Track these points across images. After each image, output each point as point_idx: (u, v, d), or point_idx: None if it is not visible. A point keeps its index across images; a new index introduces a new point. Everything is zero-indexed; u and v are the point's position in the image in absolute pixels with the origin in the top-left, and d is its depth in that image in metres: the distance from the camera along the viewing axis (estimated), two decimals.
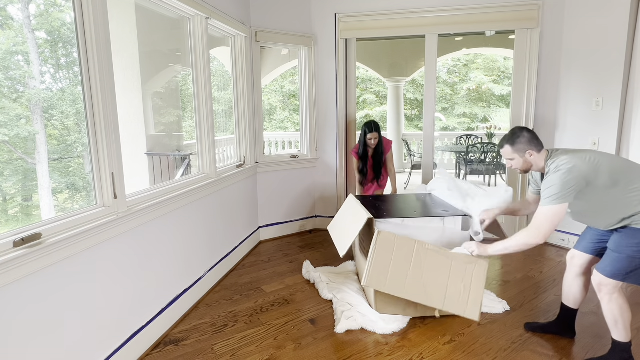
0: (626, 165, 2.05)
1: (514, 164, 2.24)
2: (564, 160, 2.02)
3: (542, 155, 2.16)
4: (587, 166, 1.98)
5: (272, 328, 2.64)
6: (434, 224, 2.70)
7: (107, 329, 2.09)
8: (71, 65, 5.40)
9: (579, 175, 1.97)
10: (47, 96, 5.02)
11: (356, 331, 2.57)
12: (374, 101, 15.34)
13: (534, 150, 2.16)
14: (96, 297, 2.00)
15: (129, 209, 2.19)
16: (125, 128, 5.08)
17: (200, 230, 3.09)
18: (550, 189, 2.02)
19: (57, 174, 5.23)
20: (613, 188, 1.99)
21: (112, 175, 2.08)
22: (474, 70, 14.66)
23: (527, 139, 2.16)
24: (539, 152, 2.16)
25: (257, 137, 4.20)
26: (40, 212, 4.84)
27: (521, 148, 2.17)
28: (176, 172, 5.42)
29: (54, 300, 1.75)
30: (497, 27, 4.06)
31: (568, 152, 2.10)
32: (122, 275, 2.19)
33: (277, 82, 14.80)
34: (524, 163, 2.20)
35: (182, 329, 2.65)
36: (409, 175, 7.61)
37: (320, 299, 3.02)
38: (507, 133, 2.26)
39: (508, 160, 2.25)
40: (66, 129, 5.42)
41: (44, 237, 1.69)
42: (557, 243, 4.14)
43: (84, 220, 1.91)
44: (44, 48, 5.31)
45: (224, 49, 5.10)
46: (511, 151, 2.20)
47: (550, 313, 2.75)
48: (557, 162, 2.05)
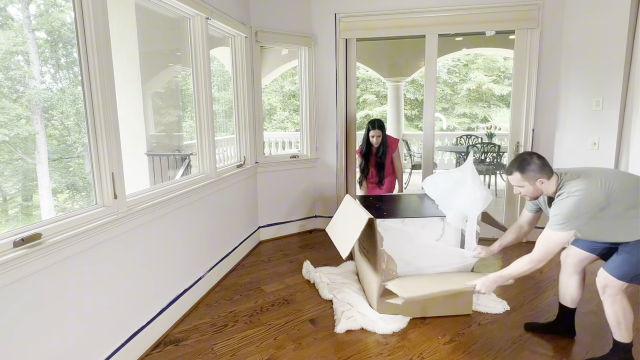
0: (635, 182, 2.01)
1: (523, 191, 2.13)
2: (578, 186, 1.94)
3: (553, 182, 2.06)
4: (601, 192, 1.92)
5: (272, 328, 2.64)
6: (434, 224, 2.70)
7: (107, 328, 2.09)
8: (71, 65, 5.41)
9: (592, 202, 1.91)
10: (47, 96, 5.02)
11: (356, 331, 2.57)
12: (374, 101, 15.34)
13: (545, 177, 2.05)
14: (96, 297, 2.00)
15: (129, 209, 2.19)
16: (125, 128, 5.06)
17: (200, 230, 3.09)
18: (559, 216, 1.96)
19: (57, 174, 5.23)
20: (629, 210, 1.96)
21: (112, 175, 2.08)
22: (474, 70, 14.66)
23: (538, 166, 2.04)
24: (549, 178, 2.06)
25: (257, 137, 4.20)
26: (40, 212, 4.84)
27: (532, 176, 2.06)
28: (176, 172, 5.42)
29: (54, 300, 1.75)
30: (497, 27, 4.06)
31: (579, 175, 2.01)
32: (122, 275, 2.19)
33: (277, 82, 14.80)
34: (534, 190, 2.10)
35: (182, 329, 2.65)
36: (409, 175, 7.62)
37: (320, 299, 3.02)
38: (514, 159, 2.14)
39: (517, 187, 2.13)
40: (66, 129, 5.42)
41: (44, 237, 1.69)
42: None
43: (84, 220, 1.91)
44: (44, 48, 5.31)
45: (224, 49, 5.09)
46: (521, 179, 2.09)
47: (550, 313, 2.75)
48: (569, 187, 1.97)
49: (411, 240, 2.67)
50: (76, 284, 1.87)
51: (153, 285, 2.48)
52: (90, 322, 1.97)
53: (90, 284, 1.96)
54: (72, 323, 1.86)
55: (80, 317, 1.90)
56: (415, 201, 3.17)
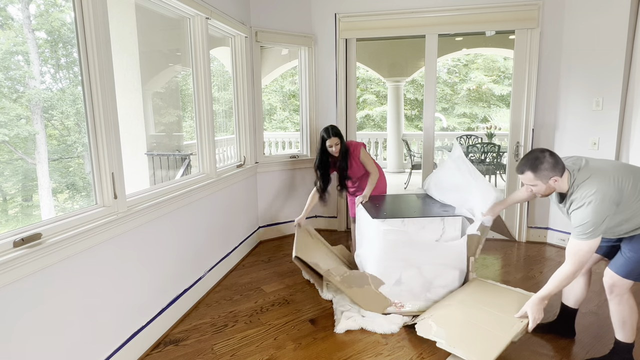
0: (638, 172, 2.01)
1: (536, 190, 2.07)
2: (591, 189, 1.91)
3: (565, 178, 2.01)
4: (614, 190, 1.91)
5: (272, 328, 2.64)
6: (434, 225, 2.70)
7: (107, 328, 2.09)
8: (71, 65, 5.41)
9: (609, 203, 1.89)
10: (47, 96, 5.03)
11: (356, 331, 2.57)
12: (374, 101, 15.35)
13: (558, 175, 1.98)
14: (96, 297, 2.00)
15: (129, 209, 2.19)
16: (125, 128, 5.07)
17: (200, 230, 3.09)
18: (583, 226, 1.93)
19: (57, 174, 5.23)
20: (636, 202, 1.95)
21: (112, 175, 2.08)
22: (474, 70, 14.66)
23: (551, 164, 1.97)
24: (562, 175, 2.00)
25: (257, 137, 4.20)
26: (40, 212, 4.84)
27: (545, 175, 1.99)
28: (176, 172, 5.42)
29: (54, 301, 1.75)
30: (497, 27, 4.07)
31: (591, 173, 1.97)
32: (122, 275, 2.19)
33: (277, 82, 14.80)
34: (547, 189, 2.04)
35: (182, 329, 2.65)
36: (409, 175, 7.62)
37: (320, 299, 3.02)
38: (526, 156, 2.06)
39: (529, 185, 2.08)
40: (66, 129, 5.42)
41: (44, 237, 1.69)
42: (557, 243, 4.14)
43: (84, 220, 1.91)
44: (44, 48, 5.31)
45: (224, 49, 5.10)
46: (533, 178, 2.02)
47: (550, 313, 2.75)
48: (583, 191, 1.94)
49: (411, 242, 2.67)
50: (76, 284, 1.87)
51: (153, 285, 2.48)
52: (91, 322, 1.97)
53: (91, 284, 1.96)
54: (73, 323, 1.86)
55: (80, 317, 1.90)
56: (415, 201, 3.17)
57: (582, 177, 1.98)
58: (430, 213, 2.78)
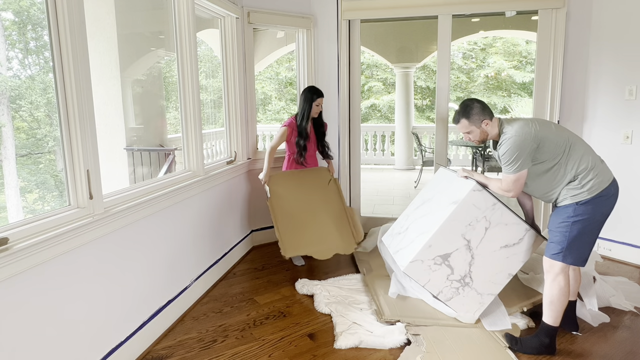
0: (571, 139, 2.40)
1: (472, 136, 2.53)
2: (514, 128, 2.35)
3: (495, 124, 2.48)
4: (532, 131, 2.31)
5: (267, 344, 2.65)
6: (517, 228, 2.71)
7: (82, 344, 2.09)
8: (41, 49, 5.40)
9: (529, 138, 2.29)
10: (14, 84, 5.02)
11: (358, 347, 2.58)
12: (380, 89, 15.34)
13: (488, 118, 2.47)
14: (69, 308, 2.01)
15: (106, 211, 2.19)
16: (102, 120, 5.08)
17: (186, 234, 3.09)
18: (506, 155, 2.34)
19: (25, 171, 5.23)
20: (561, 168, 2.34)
21: (87, 172, 2.08)
22: (493, 55, 14.64)
23: (480, 108, 2.47)
24: (492, 119, 2.47)
25: (250, 130, 4.21)
26: (6, 214, 4.84)
27: (477, 119, 2.47)
28: (159, 169, 5.42)
29: (21, 313, 1.75)
30: (518, 6, 4.06)
31: (517, 120, 2.43)
32: (98, 284, 2.20)
33: (272, 68, 14.80)
34: (481, 133, 2.50)
35: (166, 344, 2.65)
36: (419, 173, 7.60)
37: (318, 313, 3.03)
38: (458, 108, 2.55)
39: (465, 134, 2.55)
40: (36, 121, 5.42)
41: (11, 242, 1.69)
42: None
43: (56, 223, 1.92)
44: (11, 30, 5.31)
45: (213, 32, 5.09)
46: (468, 124, 2.50)
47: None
48: (508, 129, 2.37)
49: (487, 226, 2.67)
50: (46, 294, 1.87)
51: (133, 296, 2.49)
52: (61, 337, 1.97)
53: (62, 294, 1.96)
54: (41, 337, 1.86)
55: (50, 331, 1.91)
56: None
57: (509, 121, 2.45)
58: (521, 216, 2.80)
